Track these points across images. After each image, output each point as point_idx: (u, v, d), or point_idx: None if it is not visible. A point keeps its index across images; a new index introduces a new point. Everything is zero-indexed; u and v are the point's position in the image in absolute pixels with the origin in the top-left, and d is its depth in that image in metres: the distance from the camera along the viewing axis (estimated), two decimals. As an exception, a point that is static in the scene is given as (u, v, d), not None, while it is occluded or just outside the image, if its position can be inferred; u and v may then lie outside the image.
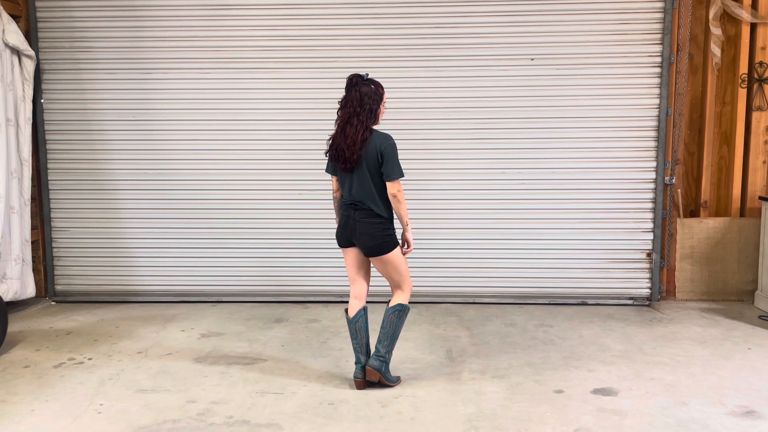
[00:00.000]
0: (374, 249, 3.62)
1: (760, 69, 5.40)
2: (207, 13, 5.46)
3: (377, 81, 3.67)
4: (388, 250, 3.62)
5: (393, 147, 3.58)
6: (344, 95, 3.62)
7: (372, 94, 3.59)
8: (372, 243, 3.61)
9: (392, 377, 3.76)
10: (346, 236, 3.70)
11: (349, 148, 3.54)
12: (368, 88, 3.59)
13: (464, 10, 5.36)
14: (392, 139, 3.62)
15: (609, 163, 5.45)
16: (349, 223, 3.66)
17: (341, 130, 3.59)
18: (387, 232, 3.63)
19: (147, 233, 5.68)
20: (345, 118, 3.59)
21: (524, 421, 3.30)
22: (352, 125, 3.55)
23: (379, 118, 3.65)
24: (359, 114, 3.56)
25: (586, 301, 5.55)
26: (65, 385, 3.79)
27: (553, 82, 5.38)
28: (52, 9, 5.51)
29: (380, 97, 3.63)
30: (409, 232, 3.68)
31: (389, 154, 3.55)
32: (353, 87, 3.59)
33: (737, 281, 5.57)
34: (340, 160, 3.59)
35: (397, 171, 3.56)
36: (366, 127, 3.57)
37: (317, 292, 5.66)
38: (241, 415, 3.39)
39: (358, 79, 3.60)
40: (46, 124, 5.62)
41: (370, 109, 3.58)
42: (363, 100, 3.56)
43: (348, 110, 3.58)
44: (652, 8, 5.30)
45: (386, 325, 3.67)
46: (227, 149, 5.58)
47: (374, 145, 3.56)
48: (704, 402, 3.54)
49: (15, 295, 5.26)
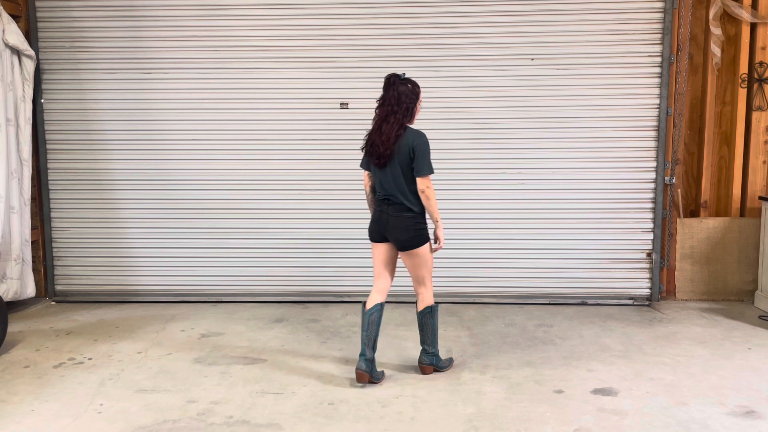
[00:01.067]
0: (406, 243, 3.75)
1: (760, 69, 5.40)
2: (207, 13, 5.46)
3: (414, 80, 3.79)
4: (419, 244, 3.76)
5: (425, 144, 3.71)
6: (382, 94, 3.76)
7: (409, 93, 3.72)
8: (405, 237, 3.73)
9: (445, 362, 4.00)
10: (379, 231, 3.82)
11: (383, 144, 3.67)
12: (405, 87, 3.72)
13: (464, 10, 5.36)
14: (425, 136, 3.74)
15: (609, 163, 5.45)
16: (382, 217, 3.78)
17: (378, 127, 3.73)
18: (419, 227, 3.76)
19: (147, 233, 5.68)
20: (382, 116, 3.73)
21: (524, 421, 3.30)
22: (389, 123, 3.69)
23: (414, 117, 3.79)
24: (396, 112, 3.69)
25: (586, 301, 5.55)
26: (65, 385, 3.79)
27: (553, 82, 5.38)
28: (52, 9, 5.52)
29: (416, 96, 3.76)
30: (439, 228, 3.79)
31: (421, 151, 3.67)
32: (391, 86, 3.72)
33: (737, 281, 5.57)
34: (374, 156, 3.72)
35: (427, 167, 3.68)
36: (401, 125, 3.71)
37: (317, 292, 5.66)
38: (241, 415, 3.39)
39: (396, 78, 3.73)
40: (46, 124, 5.62)
41: (407, 107, 3.72)
42: (400, 99, 3.69)
43: (386, 108, 3.72)
44: (652, 8, 5.30)
45: (423, 328, 3.89)
46: (227, 149, 5.58)
47: (407, 141, 3.69)
48: (704, 402, 3.54)
49: (15, 295, 5.26)
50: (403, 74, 3.78)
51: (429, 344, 3.91)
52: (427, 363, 3.92)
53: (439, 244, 3.83)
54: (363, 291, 5.63)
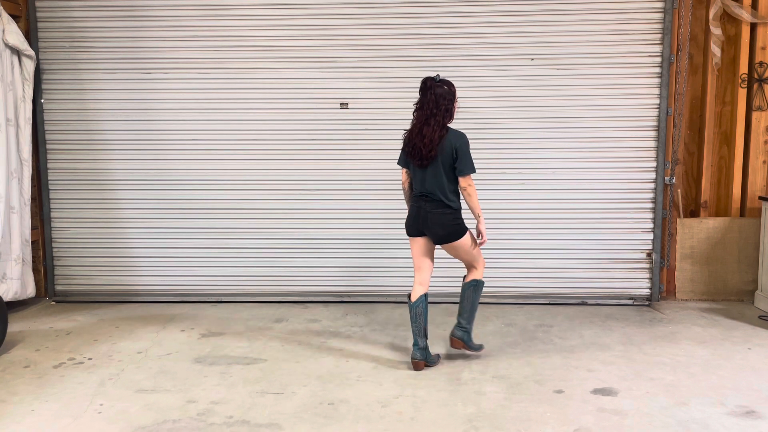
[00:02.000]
0: (445, 237, 3.88)
1: (760, 69, 5.40)
2: (207, 13, 5.46)
3: (449, 81, 3.87)
4: (458, 237, 3.89)
5: (467, 144, 3.83)
6: (419, 98, 3.85)
7: (446, 95, 3.81)
8: (443, 232, 3.87)
9: (475, 345, 4.12)
10: (417, 226, 3.94)
11: (426, 146, 3.77)
12: (442, 89, 3.81)
13: (464, 10, 5.36)
14: (466, 136, 3.85)
15: (609, 163, 5.45)
16: (420, 213, 3.89)
17: (418, 131, 3.81)
18: (456, 221, 3.89)
19: (147, 233, 5.68)
20: (422, 119, 3.81)
21: (524, 421, 3.30)
22: (429, 125, 3.79)
23: (453, 116, 3.88)
24: (435, 115, 3.78)
25: (586, 301, 5.55)
26: (65, 385, 3.79)
27: (553, 82, 5.38)
28: (52, 9, 5.51)
29: (453, 96, 3.86)
30: (482, 223, 3.94)
31: (463, 152, 3.79)
32: (428, 90, 3.81)
33: (737, 281, 5.57)
34: (417, 158, 3.83)
35: (470, 167, 3.81)
36: (442, 126, 3.80)
37: (317, 292, 5.66)
38: (241, 415, 3.39)
39: (432, 81, 3.81)
40: (46, 124, 5.62)
41: (446, 108, 3.81)
42: (438, 102, 3.79)
43: (425, 112, 3.81)
44: (652, 8, 5.30)
45: (464, 298, 4.02)
46: (227, 149, 5.58)
47: (449, 142, 3.79)
48: (704, 402, 3.54)
49: (15, 295, 5.26)
50: (438, 76, 3.85)
51: (464, 317, 4.03)
52: (458, 336, 4.03)
53: (482, 239, 3.97)
54: (363, 291, 5.64)
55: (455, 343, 4.06)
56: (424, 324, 3.95)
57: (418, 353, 3.94)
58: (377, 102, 5.47)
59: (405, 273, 5.61)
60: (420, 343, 3.95)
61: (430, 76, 3.85)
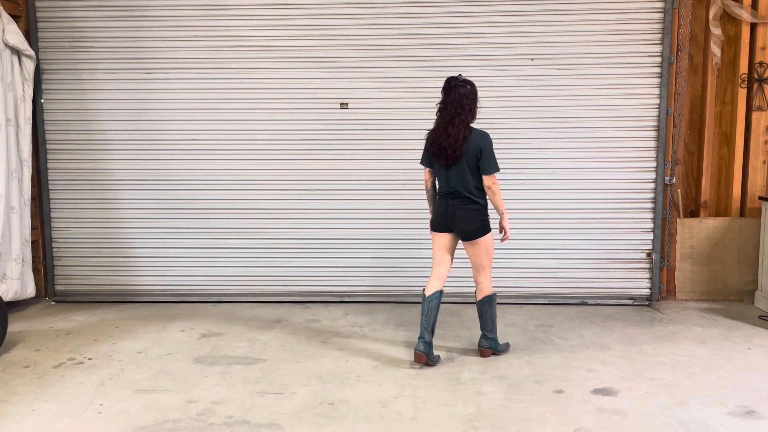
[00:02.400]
0: (472, 233, 3.98)
1: (760, 69, 5.40)
2: (207, 13, 5.46)
3: (471, 80, 3.94)
4: (483, 234, 4.00)
5: (490, 144, 3.90)
6: (443, 98, 3.91)
7: (469, 94, 3.87)
8: (470, 228, 3.96)
9: (501, 347, 4.24)
10: (445, 222, 4.03)
11: (452, 146, 3.84)
12: (465, 89, 3.86)
13: (464, 10, 5.36)
14: (489, 136, 3.93)
15: (609, 163, 5.45)
16: (448, 210, 4.00)
17: (443, 130, 3.87)
18: (483, 218, 4.00)
19: (147, 233, 5.68)
20: (447, 119, 3.88)
21: (524, 421, 3.30)
22: (454, 125, 3.84)
23: (476, 115, 3.95)
24: (460, 114, 3.84)
25: (586, 301, 5.55)
26: (65, 385, 3.79)
27: (553, 82, 5.38)
28: (52, 9, 5.51)
29: (476, 96, 3.92)
30: (505, 220, 4.04)
31: (487, 151, 3.87)
32: (452, 90, 3.86)
33: (737, 281, 5.57)
34: (442, 158, 3.90)
35: (494, 166, 3.90)
36: (466, 126, 3.87)
37: (317, 292, 5.66)
38: (241, 415, 3.39)
39: (455, 81, 3.87)
40: (46, 124, 5.62)
41: (470, 108, 3.88)
42: (462, 102, 3.84)
43: (449, 111, 3.87)
44: (652, 8, 5.30)
45: (482, 315, 4.13)
46: (227, 149, 5.58)
47: (474, 142, 3.86)
48: (704, 402, 3.54)
49: (15, 295, 5.26)
50: (460, 75, 3.91)
51: (488, 330, 4.15)
52: (486, 346, 4.18)
53: (505, 235, 4.07)
54: (363, 291, 5.64)
55: (484, 353, 4.19)
56: (434, 320, 4.01)
57: (422, 346, 3.99)
58: (377, 102, 5.47)
59: (405, 273, 5.61)
60: (426, 337, 4.00)
61: (453, 76, 3.91)
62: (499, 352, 4.24)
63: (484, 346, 4.19)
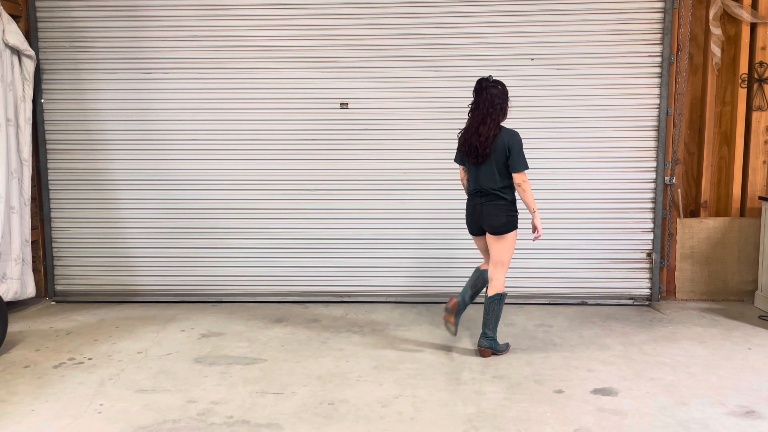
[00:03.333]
0: (499, 228, 4.08)
1: (760, 69, 5.40)
2: (207, 13, 5.46)
3: (501, 81, 4.08)
4: (510, 230, 4.10)
5: (519, 142, 4.01)
6: (474, 98, 4.05)
7: (500, 95, 4.01)
8: (498, 222, 4.07)
9: (501, 347, 4.26)
10: (474, 222, 4.20)
11: (482, 144, 3.99)
12: (496, 89, 4.01)
13: (464, 10, 5.36)
14: (519, 135, 4.04)
15: (609, 163, 5.45)
16: (476, 209, 4.15)
17: (475, 130, 4.02)
18: (510, 214, 4.11)
19: (147, 233, 5.68)
20: (478, 119, 4.02)
21: (524, 421, 3.30)
22: (486, 124, 3.99)
23: (507, 114, 4.09)
24: (491, 114, 3.99)
25: (586, 301, 5.55)
26: (65, 385, 3.79)
27: (553, 82, 5.38)
28: (52, 9, 5.52)
29: (507, 95, 4.05)
30: (537, 218, 4.12)
31: (516, 149, 3.99)
32: (483, 90, 4.01)
33: (737, 281, 5.57)
34: (472, 156, 4.04)
35: (523, 164, 4.02)
36: (497, 125, 4.01)
37: (317, 292, 5.66)
38: (241, 415, 3.39)
39: (487, 83, 4.01)
40: (46, 124, 5.62)
41: (501, 107, 4.02)
42: (494, 102, 3.98)
43: (481, 111, 4.01)
44: (652, 8, 5.30)
45: (488, 312, 4.16)
46: (227, 149, 5.58)
47: (502, 140, 3.99)
48: (704, 402, 3.54)
49: (15, 295, 5.26)
50: (491, 77, 4.04)
51: (490, 329, 4.17)
52: (485, 346, 4.19)
53: (537, 233, 4.15)
54: (363, 291, 5.64)
55: (484, 353, 4.20)
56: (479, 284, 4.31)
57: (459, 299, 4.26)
58: (377, 102, 5.47)
59: (405, 273, 5.61)
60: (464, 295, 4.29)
61: (485, 77, 4.04)
62: (499, 352, 4.24)
63: (484, 346, 4.20)
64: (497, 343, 4.23)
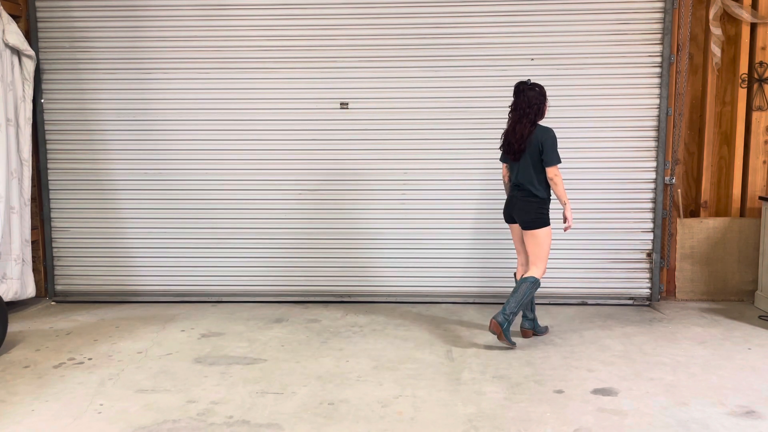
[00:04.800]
0: (528, 223, 4.32)
1: (760, 69, 5.40)
2: (207, 13, 5.46)
3: (539, 84, 4.32)
4: (538, 226, 4.31)
5: (552, 138, 4.26)
6: (513, 100, 4.32)
7: (537, 96, 4.27)
8: (527, 218, 4.32)
9: (510, 338, 4.32)
10: (508, 212, 4.47)
11: (518, 141, 4.27)
12: (533, 91, 4.27)
13: (464, 10, 5.36)
14: (552, 131, 4.29)
15: (609, 163, 5.45)
16: (512, 201, 4.42)
17: (512, 129, 4.32)
18: (541, 211, 4.32)
19: (147, 233, 5.68)
20: (516, 119, 4.31)
21: (524, 421, 3.30)
22: (522, 123, 4.28)
23: (544, 114, 4.34)
24: (528, 114, 4.26)
25: (586, 301, 5.55)
26: (65, 385, 3.79)
27: (553, 82, 5.37)
28: (52, 9, 5.51)
29: (544, 97, 4.31)
30: (568, 210, 4.31)
31: (549, 145, 4.23)
32: (521, 93, 4.29)
33: (737, 281, 5.57)
34: (511, 152, 4.34)
35: (555, 158, 4.24)
36: (532, 123, 4.27)
37: (317, 292, 5.66)
38: (241, 415, 3.39)
39: (524, 86, 4.29)
40: (46, 124, 5.62)
41: (538, 108, 4.28)
42: (531, 102, 4.26)
43: (518, 113, 4.29)
44: (652, 8, 5.30)
45: (517, 290, 4.31)
46: (227, 149, 5.58)
47: (536, 137, 4.25)
48: (704, 402, 3.54)
49: (15, 295, 5.26)
50: (529, 80, 4.32)
51: (511, 307, 4.25)
52: (499, 321, 4.25)
53: (568, 224, 4.33)
54: (363, 291, 5.64)
55: (494, 326, 4.27)
56: (533, 303, 4.51)
57: (526, 323, 4.54)
58: (377, 102, 5.47)
59: (405, 273, 5.61)
60: (528, 315, 4.53)
61: (523, 81, 4.31)
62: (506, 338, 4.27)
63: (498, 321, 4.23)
64: (509, 328, 4.30)
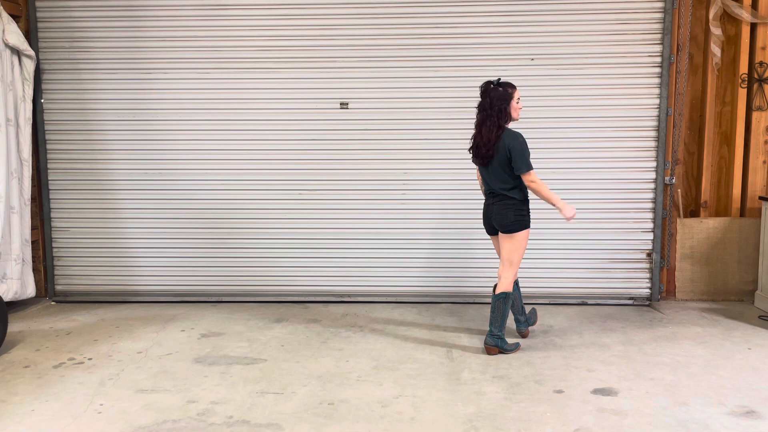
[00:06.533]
0: (509, 227, 4.14)
1: (760, 69, 5.40)
2: (207, 13, 5.46)
3: (508, 83, 4.12)
4: (519, 229, 4.14)
5: (520, 144, 4.03)
6: (479, 101, 4.14)
7: (500, 96, 4.06)
8: (506, 221, 4.14)
9: (509, 346, 4.29)
10: (487, 221, 4.31)
11: (485, 145, 4.08)
12: (497, 91, 4.07)
13: (464, 10, 5.36)
14: (521, 137, 4.08)
15: (609, 163, 5.45)
16: (489, 209, 4.26)
17: (478, 131, 4.13)
18: (519, 213, 4.15)
19: (147, 233, 5.68)
20: (481, 120, 4.13)
21: (524, 421, 3.30)
22: (486, 126, 4.08)
23: (512, 115, 4.12)
24: (491, 116, 4.06)
25: (586, 301, 5.55)
26: (65, 385, 3.79)
27: (553, 82, 5.38)
28: (52, 9, 5.52)
29: (509, 97, 4.08)
30: (565, 210, 4.11)
31: (517, 151, 4.02)
32: (485, 93, 4.11)
33: (737, 281, 5.57)
34: (479, 156, 4.15)
35: (525, 165, 4.03)
36: (498, 126, 4.07)
37: (317, 292, 5.66)
38: (241, 415, 3.39)
39: (488, 86, 4.11)
40: (46, 124, 5.62)
41: (500, 109, 4.05)
42: (493, 103, 4.06)
43: (483, 114, 4.11)
44: (652, 8, 5.30)
45: (494, 310, 4.22)
46: (227, 149, 5.59)
47: (504, 143, 4.06)
48: (704, 402, 3.54)
49: (15, 295, 5.26)
50: (498, 79, 4.13)
51: (496, 327, 4.21)
52: (491, 344, 4.24)
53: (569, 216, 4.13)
54: (363, 291, 5.64)
55: (490, 351, 4.24)
56: (520, 303, 4.49)
57: (521, 327, 4.56)
58: (377, 102, 5.47)
59: (405, 273, 5.61)
60: (520, 318, 4.53)
61: (490, 80, 4.12)
62: (507, 351, 4.26)
63: (490, 344, 4.23)
64: (504, 341, 4.25)
